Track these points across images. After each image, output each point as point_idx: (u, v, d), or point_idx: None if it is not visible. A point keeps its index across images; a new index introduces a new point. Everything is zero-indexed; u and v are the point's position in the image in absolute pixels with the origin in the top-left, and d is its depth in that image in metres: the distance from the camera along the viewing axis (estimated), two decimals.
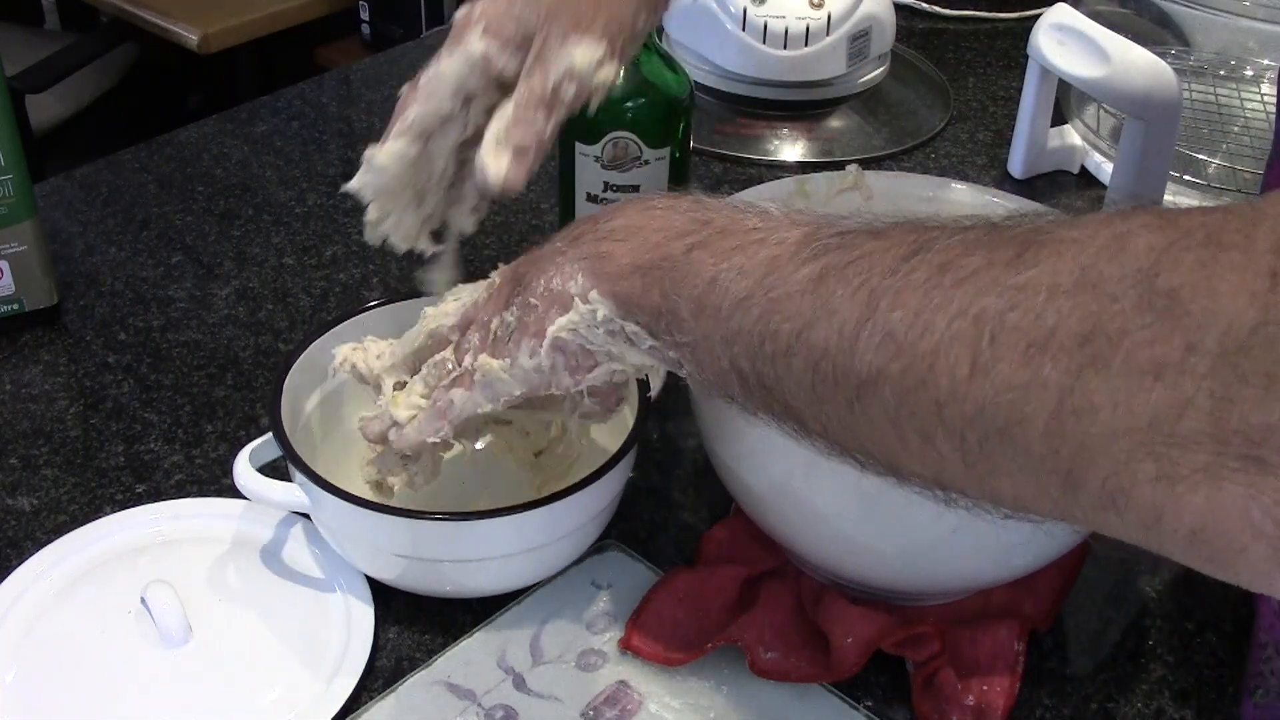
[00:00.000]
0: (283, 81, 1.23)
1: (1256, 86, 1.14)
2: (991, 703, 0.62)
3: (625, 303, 0.52)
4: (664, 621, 0.65)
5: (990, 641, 0.64)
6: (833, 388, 0.44)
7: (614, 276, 0.52)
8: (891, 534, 0.60)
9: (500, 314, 0.58)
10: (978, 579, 0.65)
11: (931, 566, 0.63)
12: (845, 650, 0.63)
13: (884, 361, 0.42)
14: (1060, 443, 0.38)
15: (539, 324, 0.55)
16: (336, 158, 1.09)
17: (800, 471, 0.60)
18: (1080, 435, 0.38)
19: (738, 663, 0.64)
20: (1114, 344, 0.36)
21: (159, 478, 0.75)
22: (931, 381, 0.41)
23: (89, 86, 2.14)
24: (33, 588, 0.67)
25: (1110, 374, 0.36)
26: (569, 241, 0.55)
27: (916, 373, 0.41)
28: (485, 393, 0.58)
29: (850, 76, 1.14)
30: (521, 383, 0.57)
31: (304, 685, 0.63)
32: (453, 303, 0.62)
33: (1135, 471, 0.37)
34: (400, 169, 0.66)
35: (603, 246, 0.53)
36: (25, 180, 0.81)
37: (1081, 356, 0.37)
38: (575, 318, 0.54)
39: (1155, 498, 0.37)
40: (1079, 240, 0.39)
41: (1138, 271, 0.37)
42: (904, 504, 0.57)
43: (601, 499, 0.66)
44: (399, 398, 0.62)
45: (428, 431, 0.61)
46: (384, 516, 0.62)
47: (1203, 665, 0.67)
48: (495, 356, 0.57)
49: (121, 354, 0.85)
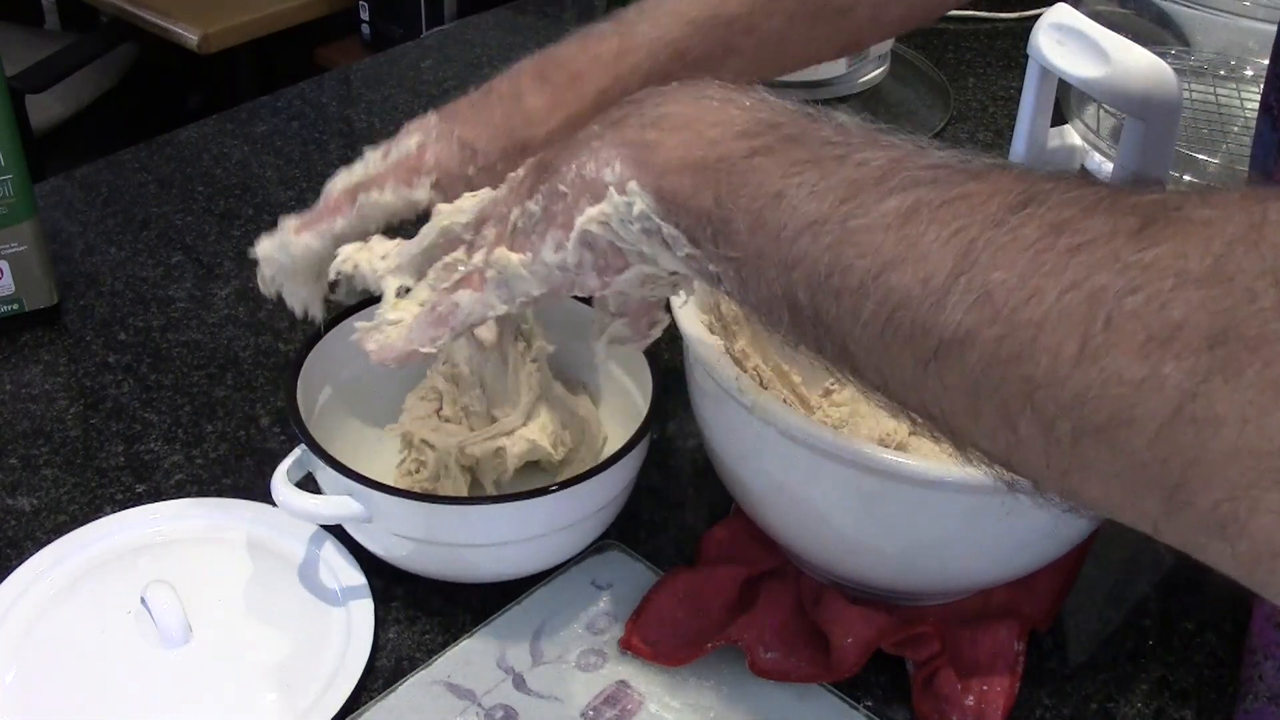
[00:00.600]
0: (283, 81, 1.23)
1: (1256, 86, 1.14)
2: (991, 703, 0.62)
3: (669, 200, 0.47)
4: (664, 621, 0.65)
5: (990, 641, 0.64)
6: (905, 341, 0.39)
7: (659, 169, 0.47)
8: (891, 534, 0.60)
9: (523, 203, 0.52)
10: (978, 579, 0.65)
11: (931, 566, 0.63)
12: (845, 650, 0.63)
13: (975, 324, 0.37)
14: (1171, 453, 0.34)
15: (567, 214, 0.50)
16: (336, 158, 1.09)
17: (800, 471, 0.60)
18: (1197, 449, 0.33)
19: (738, 663, 0.64)
20: (1250, 349, 0.32)
21: (159, 478, 0.75)
22: (1029, 358, 0.36)
23: (89, 86, 2.14)
24: (33, 588, 0.67)
25: (1241, 384, 0.32)
26: (608, 125, 0.49)
27: (1013, 345, 0.36)
28: (500, 292, 0.53)
29: (850, 76, 1.14)
30: (542, 281, 0.51)
31: (304, 685, 0.63)
32: (470, 199, 0.57)
33: (1257, 499, 0.32)
34: (309, 261, 0.65)
35: (648, 134, 0.48)
36: (25, 180, 0.81)
37: (1210, 359, 0.32)
38: (608, 209, 0.48)
39: (1277, 532, 0.32)
40: (1212, 222, 0.34)
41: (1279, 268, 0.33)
42: (904, 504, 0.58)
43: (612, 488, 0.66)
44: (400, 304, 0.57)
45: (420, 339, 0.55)
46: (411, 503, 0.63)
47: (1203, 665, 0.67)
48: (514, 250, 0.52)
49: (121, 354, 0.85)
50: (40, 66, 1.96)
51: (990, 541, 0.60)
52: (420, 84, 1.20)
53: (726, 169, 0.45)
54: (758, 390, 0.59)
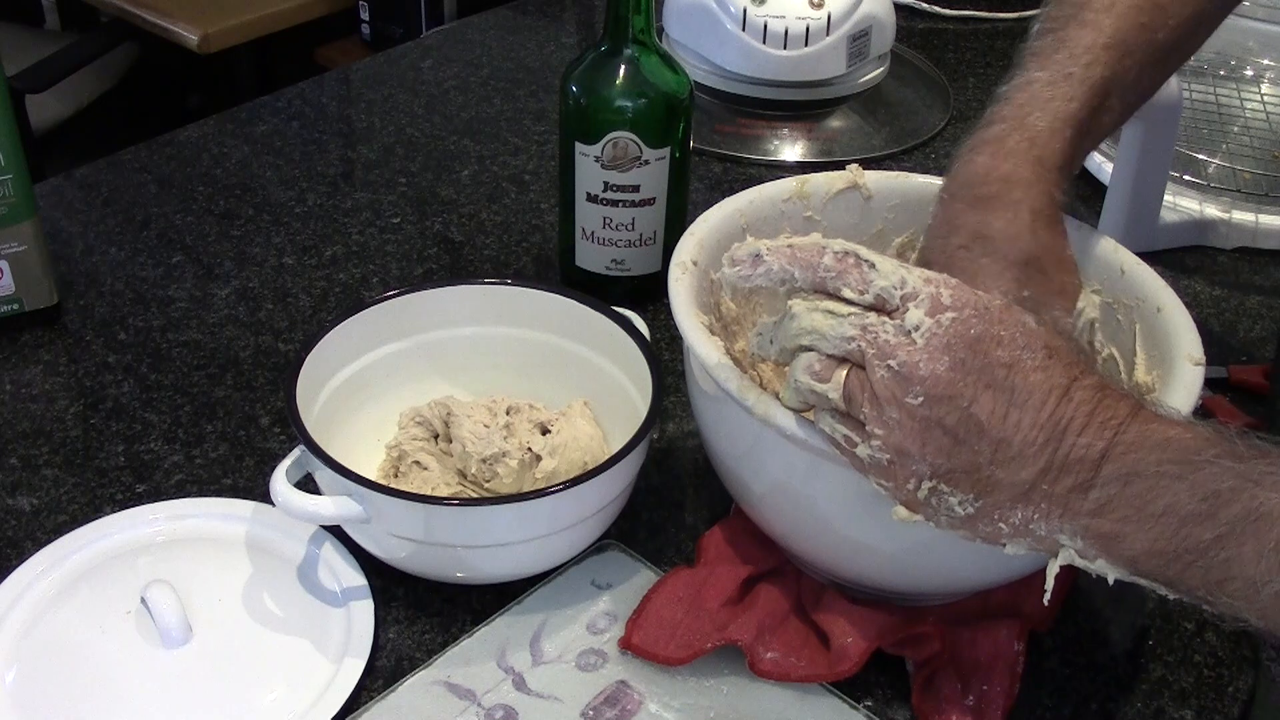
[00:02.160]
0: (283, 81, 1.23)
1: (1256, 86, 1.14)
2: (991, 703, 0.62)
3: (1145, 575, 0.52)
4: (664, 622, 0.65)
5: (990, 642, 0.64)
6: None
7: (1129, 559, 0.51)
8: (891, 534, 0.60)
9: (937, 482, 0.54)
10: (977, 579, 0.65)
11: (931, 566, 0.63)
12: (846, 650, 0.63)
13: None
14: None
15: (994, 535, 0.54)
16: (336, 158, 1.09)
17: (800, 471, 0.60)
18: None
19: (738, 663, 0.64)
20: None
21: (159, 478, 0.75)
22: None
23: (89, 86, 2.14)
24: (33, 588, 0.67)
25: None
26: (1051, 493, 0.52)
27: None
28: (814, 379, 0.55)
29: (850, 76, 1.14)
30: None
31: (304, 685, 0.63)
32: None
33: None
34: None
35: (1105, 525, 0.51)
36: (25, 180, 0.81)
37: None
38: (1066, 559, 0.53)
39: None
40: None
41: None
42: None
43: (612, 488, 0.66)
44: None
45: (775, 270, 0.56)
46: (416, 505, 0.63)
47: (1203, 665, 0.67)
48: (909, 508, 0.55)
49: (121, 354, 0.85)
50: (40, 66, 1.96)
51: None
52: (420, 84, 1.20)
53: (1203, 564, 0.49)
54: (758, 391, 0.59)
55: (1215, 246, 1.01)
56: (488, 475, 0.70)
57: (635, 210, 0.86)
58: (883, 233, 0.76)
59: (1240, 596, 0.49)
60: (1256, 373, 0.86)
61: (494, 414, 0.73)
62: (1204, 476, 0.49)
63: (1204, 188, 1.02)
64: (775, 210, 0.74)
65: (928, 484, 0.53)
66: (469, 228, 0.99)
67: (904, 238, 0.76)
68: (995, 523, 0.54)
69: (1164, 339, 0.66)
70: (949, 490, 0.53)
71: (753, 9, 1.09)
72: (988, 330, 0.52)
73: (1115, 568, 0.52)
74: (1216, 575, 0.49)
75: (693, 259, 0.68)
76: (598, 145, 0.83)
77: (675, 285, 0.66)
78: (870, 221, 0.76)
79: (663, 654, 0.64)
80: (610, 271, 0.89)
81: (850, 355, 0.54)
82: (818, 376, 0.55)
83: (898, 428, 0.53)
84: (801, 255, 0.56)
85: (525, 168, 1.07)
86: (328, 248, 0.96)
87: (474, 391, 0.77)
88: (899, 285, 0.54)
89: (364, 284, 0.92)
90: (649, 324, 0.76)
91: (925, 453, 0.53)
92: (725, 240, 0.70)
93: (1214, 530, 0.49)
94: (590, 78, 0.84)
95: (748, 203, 0.73)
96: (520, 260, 0.96)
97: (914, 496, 0.54)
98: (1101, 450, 0.51)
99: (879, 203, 0.75)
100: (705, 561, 0.69)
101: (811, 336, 0.55)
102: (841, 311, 0.54)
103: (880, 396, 0.53)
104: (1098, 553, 0.52)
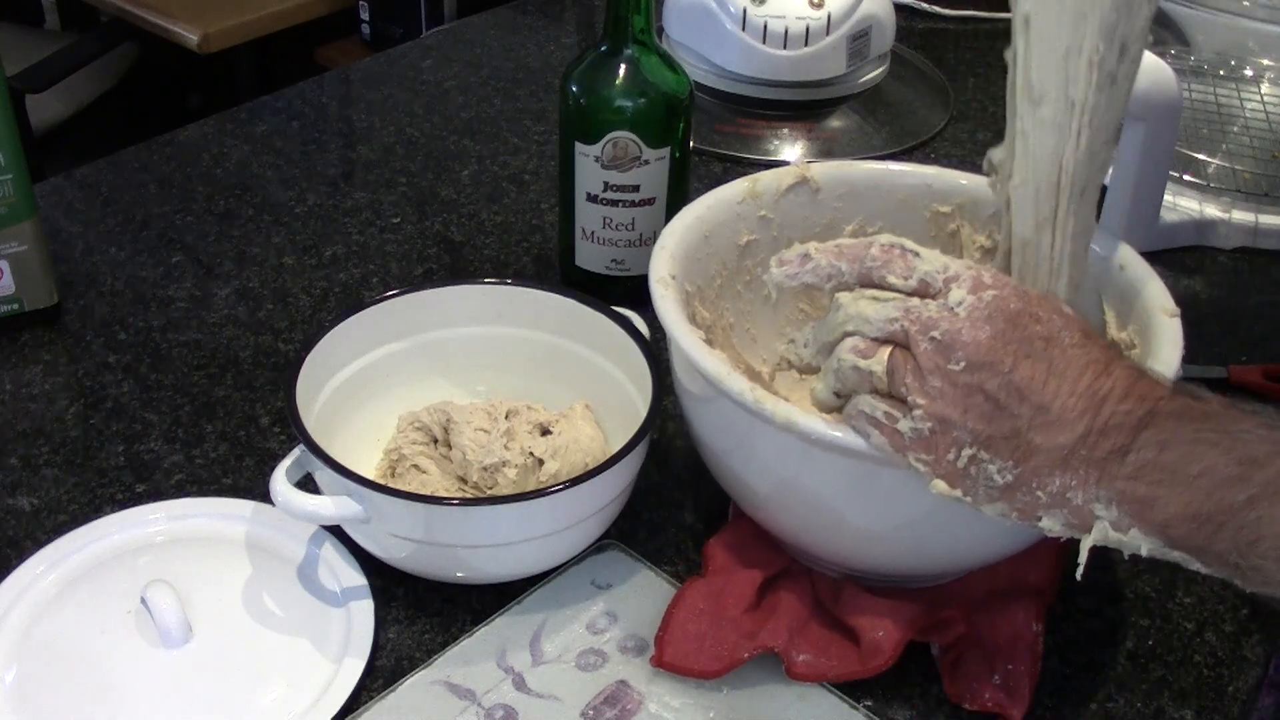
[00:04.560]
0: (283, 81, 1.23)
1: (1256, 86, 1.14)
2: (1019, 680, 0.63)
3: (1178, 543, 0.52)
4: (690, 635, 0.64)
5: (1008, 625, 0.65)
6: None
7: (1161, 523, 0.52)
8: (885, 513, 0.61)
9: (973, 435, 0.54)
10: (981, 552, 0.65)
11: (931, 542, 0.63)
12: (878, 644, 0.63)
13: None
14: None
15: (1030, 506, 0.54)
16: (336, 158, 1.09)
17: (806, 466, 0.61)
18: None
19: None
20: None
21: (159, 478, 0.75)
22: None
23: (89, 86, 2.14)
24: (33, 588, 0.67)
25: None
26: (1091, 461, 0.52)
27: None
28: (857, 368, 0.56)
29: (850, 76, 1.14)
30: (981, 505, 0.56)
31: (304, 685, 0.63)
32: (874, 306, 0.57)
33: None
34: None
35: (1140, 489, 0.52)
36: (25, 180, 0.81)
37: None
38: (1100, 535, 0.53)
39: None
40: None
41: None
42: (902, 480, 0.57)
43: (612, 488, 0.66)
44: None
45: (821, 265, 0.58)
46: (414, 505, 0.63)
47: (1203, 665, 0.67)
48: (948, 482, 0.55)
49: (121, 354, 0.85)
50: (40, 66, 1.96)
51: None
52: (420, 84, 1.20)
53: (1235, 524, 0.50)
54: (749, 383, 0.59)
55: (1215, 246, 1.01)
56: (489, 483, 0.70)
57: (635, 210, 0.86)
58: (833, 223, 0.77)
59: (1271, 556, 0.49)
60: (1256, 373, 0.86)
61: (493, 419, 0.73)
62: (1240, 443, 0.51)
63: (1204, 188, 1.02)
64: (731, 213, 0.74)
65: (968, 451, 0.54)
66: (469, 228, 0.99)
67: (853, 225, 0.77)
68: (1033, 491, 0.54)
69: (1131, 294, 0.67)
70: (988, 458, 0.54)
71: (753, 9, 1.09)
72: (1026, 308, 0.54)
73: (1148, 538, 0.52)
74: (1248, 536, 0.50)
75: (670, 274, 0.68)
76: (598, 145, 0.83)
77: (662, 303, 0.66)
78: (820, 213, 0.76)
79: (697, 668, 0.63)
80: (610, 271, 0.89)
81: (893, 337, 0.56)
82: (861, 354, 0.56)
83: (940, 396, 0.54)
84: (848, 250, 0.58)
85: (525, 168, 1.07)
86: (328, 248, 0.96)
87: (474, 391, 0.77)
88: (942, 270, 0.56)
89: (364, 284, 0.92)
90: (649, 324, 0.76)
91: (966, 419, 0.54)
92: (693, 250, 0.71)
93: (1246, 491, 0.50)
94: (590, 78, 0.84)
95: (706, 209, 0.73)
96: (520, 260, 0.96)
97: (953, 468, 0.55)
98: (1141, 417, 0.52)
99: (827, 193, 0.76)
100: (715, 570, 0.68)
101: (856, 322, 0.57)
102: (885, 297, 0.57)
103: (924, 367, 0.54)
104: (1131, 520, 0.52)
